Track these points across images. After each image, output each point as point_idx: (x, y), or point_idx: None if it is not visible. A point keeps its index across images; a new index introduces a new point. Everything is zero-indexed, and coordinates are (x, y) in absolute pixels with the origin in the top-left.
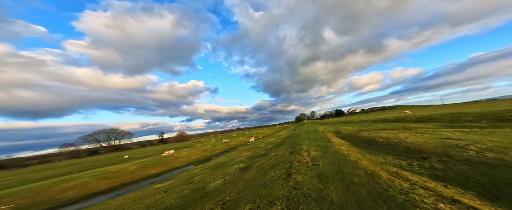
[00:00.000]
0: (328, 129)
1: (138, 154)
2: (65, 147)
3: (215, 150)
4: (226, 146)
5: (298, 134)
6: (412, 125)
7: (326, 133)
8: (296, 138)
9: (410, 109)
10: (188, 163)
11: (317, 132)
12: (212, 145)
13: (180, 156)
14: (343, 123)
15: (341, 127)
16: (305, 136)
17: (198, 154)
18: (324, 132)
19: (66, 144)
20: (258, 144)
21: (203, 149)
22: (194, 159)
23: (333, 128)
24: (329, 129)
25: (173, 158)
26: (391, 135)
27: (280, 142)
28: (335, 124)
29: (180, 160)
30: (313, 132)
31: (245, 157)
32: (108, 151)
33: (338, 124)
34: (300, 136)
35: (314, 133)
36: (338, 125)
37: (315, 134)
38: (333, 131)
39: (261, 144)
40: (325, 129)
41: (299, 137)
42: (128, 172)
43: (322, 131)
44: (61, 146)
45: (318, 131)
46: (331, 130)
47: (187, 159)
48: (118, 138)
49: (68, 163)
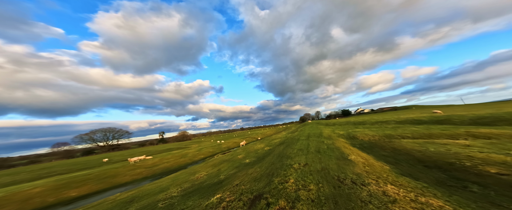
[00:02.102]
0: (336, 132)
1: (117, 157)
2: (57, 147)
3: (198, 155)
4: (215, 150)
5: (295, 139)
6: (473, 129)
7: (334, 138)
8: (289, 148)
9: (429, 108)
10: (146, 175)
11: (322, 136)
12: (200, 148)
13: (145, 164)
14: (355, 123)
15: (353, 129)
16: (304, 144)
17: (172, 161)
18: (331, 137)
19: (59, 143)
20: (237, 154)
21: (183, 154)
22: (161, 168)
23: (343, 130)
24: (338, 132)
25: (133, 167)
26: (475, 151)
27: (266, 152)
28: (344, 125)
29: (138, 171)
30: (316, 137)
31: (192, 183)
32: (104, 151)
33: (348, 125)
34: (297, 142)
35: (317, 137)
36: (348, 126)
37: (318, 140)
38: (344, 136)
39: (240, 155)
40: (332, 131)
41: (294, 144)
42: (19, 200)
43: (328, 134)
44: (54, 146)
45: (322, 135)
46: (341, 133)
47: (150, 169)
48: (116, 137)
49: (29, 168)
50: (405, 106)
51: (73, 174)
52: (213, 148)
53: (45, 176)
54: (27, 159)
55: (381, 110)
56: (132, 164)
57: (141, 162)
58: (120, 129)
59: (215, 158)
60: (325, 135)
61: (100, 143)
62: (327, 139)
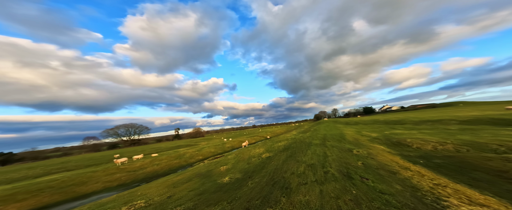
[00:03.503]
0: (365, 134)
1: (129, 153)
2: (87, 141)
3: (196, 156)
4: (216, 150)
5: (306, 143)
6: None
7: (366, 144)
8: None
9: (487, 105)
10: (124, 182)
11: (344, 140)
12: (202, 147)
13: (130, 167)
14: (387, 123)
15: (390, 130)
16: (318, 153)
17: (164, 163)
18: (360, 142)
19: (89, 137)
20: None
21: (179, 155)
22: (146, 172)
23: (374, 131)
24: (368, 134)
25: (115, 171)
26: None
27: (259, 164)
28: (372, 124)
29: (116, 176)
30: (336, 140)
31: None
32: (126, 145)
33: (378, 125)
34: (307, 149)
35: (338, 142)
36: (379, 126)
37: (340, 147)
38: (380, 140)
39: (226, 165)
40: (358, 132)
41: (302, 153)
42: None
43: (354, 137)
44: (84, 139)
45: (345, 138)
46: (373, 136)
47: (133, 173)
48: (137, 133)
49: (55, 161)
50: (447, 102)
51: (37, 180)
52: (215, 147)
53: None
54: (61, 151)
55: (414, 107)
56: (117, 167)
57: (127, 164)
58: (141, 125)
59: (195, 167)
60: (349, 137)
61: (123, 137)
62: (355, 145)
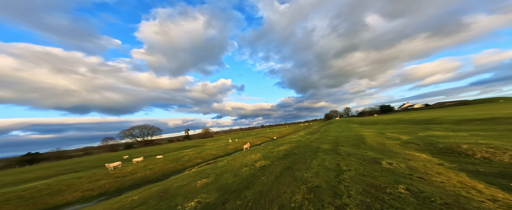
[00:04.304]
0: (392, 136)
1: (137, 154)
2: (105, 141)
3: (195, 159)
4: (218, 152)
5: (312, 149)
6: None
7: (401, 152)
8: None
9: None
10: (107, 190)
11: (364, 145)
12: (203, 149)
13: (119, 172)
14: (416, 122)
15: (426, 132)
16: (328, 167)
17: (158, 167)
18: (391, 149)
19: (107, 138)
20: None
21: (176, 157)
22: (135, 178)
23: (402, 133)
24: (397, 136)
25: (103, 176)
26: None
27: (247, 178)
28: (394, 124)
29: (101, 183)
30: (353, 145)
31: None
32: (141, 145)
33: (403, 125)
34: (312, 159)
35: (356, 147)
36: (406, 126)
37: (364, 157)
38: (418, 146)
39: (207, 177)
40: (380, 134)
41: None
42: None
43: (377, 141)
44: (103, 140)
45: (365, 141)
46: (404, 139)
47: (121, 179)
48: (150, 134)
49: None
50: (482, 99)
51: (19, 187)
52: (217, 149)
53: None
54: (84, 150)
55: (442, 104)
56: (106, 172)
57: (120, 168)
58: (153, 126)
59: (175, 179)
60: (370, 140)
61: (138, 138)
62: (382, 153)
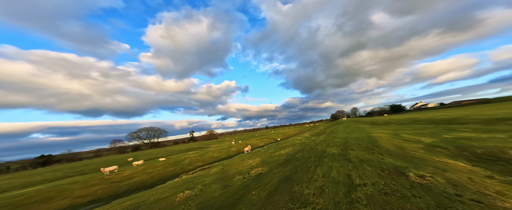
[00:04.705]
0: (411, 139)
1: (143, 156)
2: (114, 143)
3: (196, 162)
4: (220, 154)
5: (317, 153)
6: None
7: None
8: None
9: None
10: (99, 196)
11: (378, 149)
12: (206, 151)
13: (116, 177)
14: (433, 122)
15: (452, 133)
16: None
17: (156, 171)
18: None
19: (115, 140)
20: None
21: (177, 161)
22: (131, 183)
23: (425, 134)
24: (414, 138)
25: (98, 181)
26: None
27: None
28: (409, 124)
29: (93, 189)
30: (366, 148)
31: None
32: (147, 147)
33: (421, 126)
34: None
35: (369, 151)
36: (423, 127)
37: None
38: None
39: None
40: (396, 135)
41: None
42: None
43: (396, 144)
44: (112, 142)
45: (379, 144)
46: (428, 142)
47: (116, 184)
48: (156, 136)
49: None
50: (504, 97)
51: (12, 193)
52: (219, 152)
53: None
54: (95, 153)
55: (459, 103)
56: (101, 177)
57: (116, 172)
58: (159, 128)
59: (158, 189)
60: (385, 143)
61: (144, 140)
62: (404, 159)
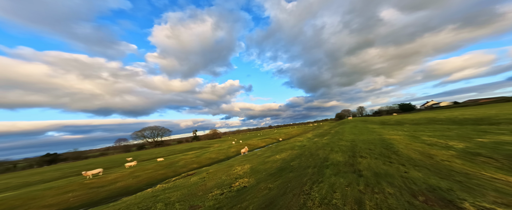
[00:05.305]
0: (430, 142)
1: (144, 156)
2: (118, 142)
3: (191, 164)
4: (218, 155)
5: (318, 161)
6: None
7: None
8: None
9: None
10: (69, 206)
11: (395, 155)
12: (203, 152)
13: (97, 182)
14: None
15: (490, 137)
16: None
17: (146, 174)
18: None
19: (120, 139)
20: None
21: (170, 163)
22: (112, 189)
23: (452, 138)
24: (439, 141)
25: (77, 187)
26: None
27: None
28: (426, 124)
29: (66, 197)
30: (381, 155)
31: None
32: (152, 146)
33: (442, 127)
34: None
35: (387, 162)
36: (444, 128)
37: None
38: None
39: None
40: (414, 139)
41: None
42: None
43: (423, 153)
44: (116, 141)
45: (398, 152)
46: (466, 149)
47: (94, 190)
48: (160, 135)
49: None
50: None
51: None
52: (218, 153)
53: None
54: (100, 151)
55: (476, 102)
56: (81, 182)
57: (98, 177)
58: (163, 127)
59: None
60: (405, 149)
61: (149, 139)
62: (453, 181)
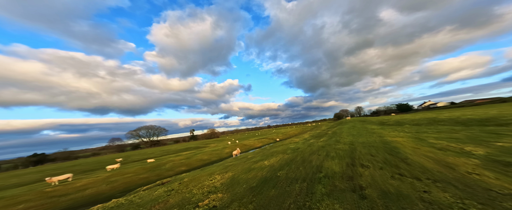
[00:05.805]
0: (441, 146)
1: (136, 156)
2: (112, 142)
3: (179, 166)
4: (210, 157)
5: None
6: None
7: None
8: None
9: None
10: None
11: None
12: (195, 153)
13: (64, 188)
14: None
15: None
16: None
17: (123, 179)
18: None
19: (114, 139)
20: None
21: (156, 165)
22: (79, 197)
23: (463, 141)
24: (450, 145)
25: (35, 196)
26: None
27: None
28: (428, 125)
29: (20, 208)
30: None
31: None
32: (147, 146)
33: (445, 128)
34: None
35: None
36: (449, 129)
37: None
38: None
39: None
40: (418, 141)
41: None
42: None
43: (439, 162)
44: (110, 141)
45: (405, 159)
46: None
47: (56, 200)
48: (156, 134)
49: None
50: None
51: None
52: (211, 154)
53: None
54: (91, 151)
55: (472, 102)
56: (40, 190)
57: (65, 184)
58: (159, 126)
59: None
60: (415, 156)
61: (144, 139)
62: None
